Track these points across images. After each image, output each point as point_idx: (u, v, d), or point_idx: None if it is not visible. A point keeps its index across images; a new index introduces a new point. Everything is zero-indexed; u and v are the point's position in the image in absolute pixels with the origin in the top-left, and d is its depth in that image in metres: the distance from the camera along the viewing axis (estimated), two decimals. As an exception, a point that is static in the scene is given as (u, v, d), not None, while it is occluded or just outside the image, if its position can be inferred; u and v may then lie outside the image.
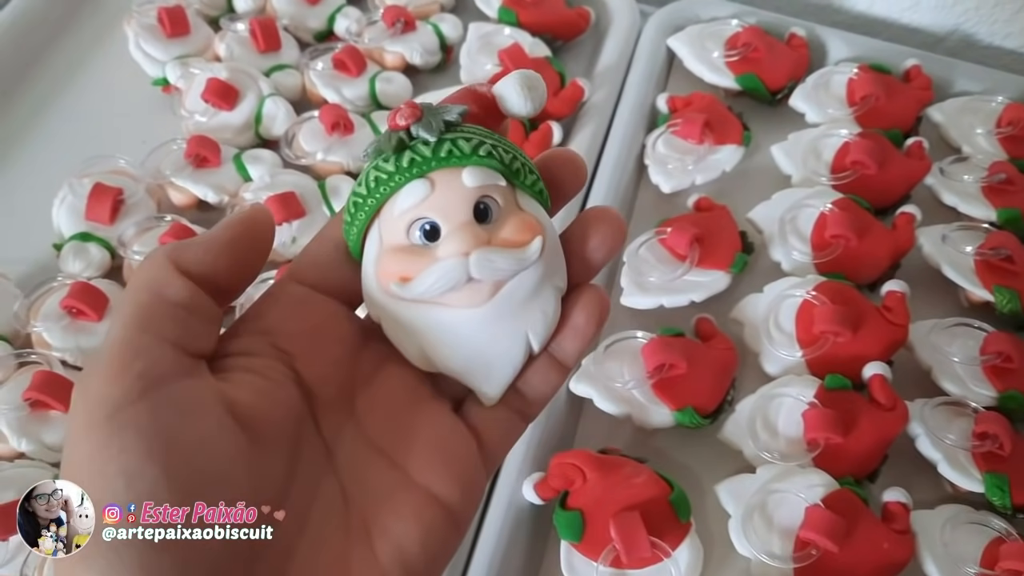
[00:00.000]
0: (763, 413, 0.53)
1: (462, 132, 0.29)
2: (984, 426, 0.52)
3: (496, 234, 0.28)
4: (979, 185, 0.63)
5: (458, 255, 0.28)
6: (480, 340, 0.29)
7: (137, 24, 0.66)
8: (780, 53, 0.70)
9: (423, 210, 0.28)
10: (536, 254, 0.28)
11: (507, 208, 0.29)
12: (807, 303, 0.56)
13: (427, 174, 0.28)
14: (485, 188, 0.28)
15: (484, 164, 0.29)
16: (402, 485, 0.28)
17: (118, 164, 0.60)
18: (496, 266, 0.28)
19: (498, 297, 0.28)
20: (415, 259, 0.28)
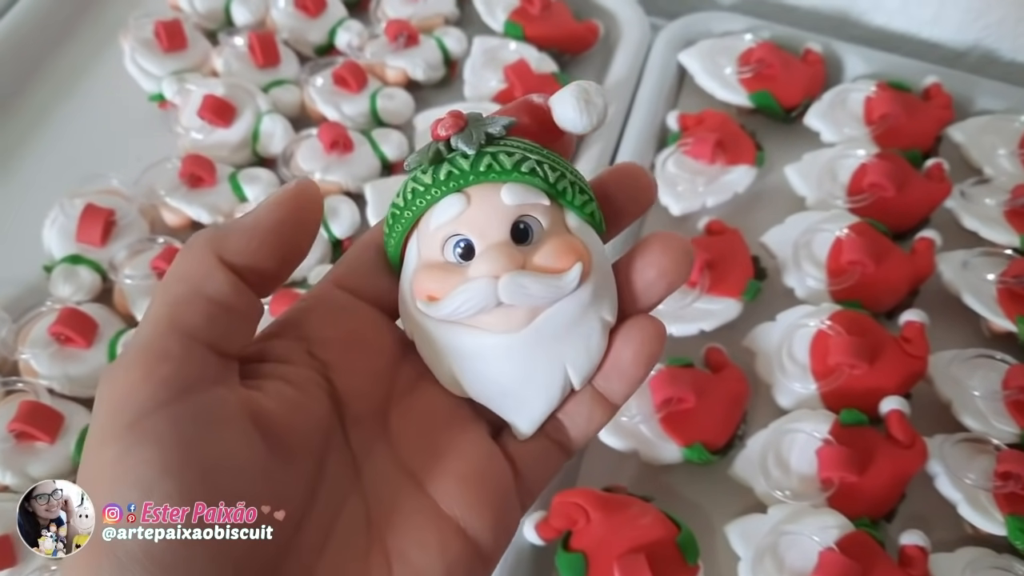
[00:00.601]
0: (775, 449, 0.51)
1: (505, 146, 0.27)
2: (1006, 465, 0.49)
3: (533, 256, 0.27)
4: (1002, 209, 0.60)
5: (488, 277, 0.26)
6: (514, 369, 0.27)
7: (133, 38, 0.64)
8: (795, 69, 0.67)
9: (458, 226, 0.27)
10: (574, 282, 0.26)
11: (551, 229, 0.27)
12: (822, 333, 0.54)
13: (464, 189, 0.27)
14: (525, 207, 0.27)
15: (526, 181, 0.27)
16: (430, 513, 0.27)
17: (111, 183, 0.58)
18: (528, 291, 0.26)
19: (534, 324, 0.27)
20: (447, 277, 0.27)
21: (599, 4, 0.73)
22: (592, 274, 0.27)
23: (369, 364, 0.28)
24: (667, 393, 0.51)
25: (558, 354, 0.27)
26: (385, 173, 0.62)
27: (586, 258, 0.27)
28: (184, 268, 0.25)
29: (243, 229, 0.26)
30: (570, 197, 0.28)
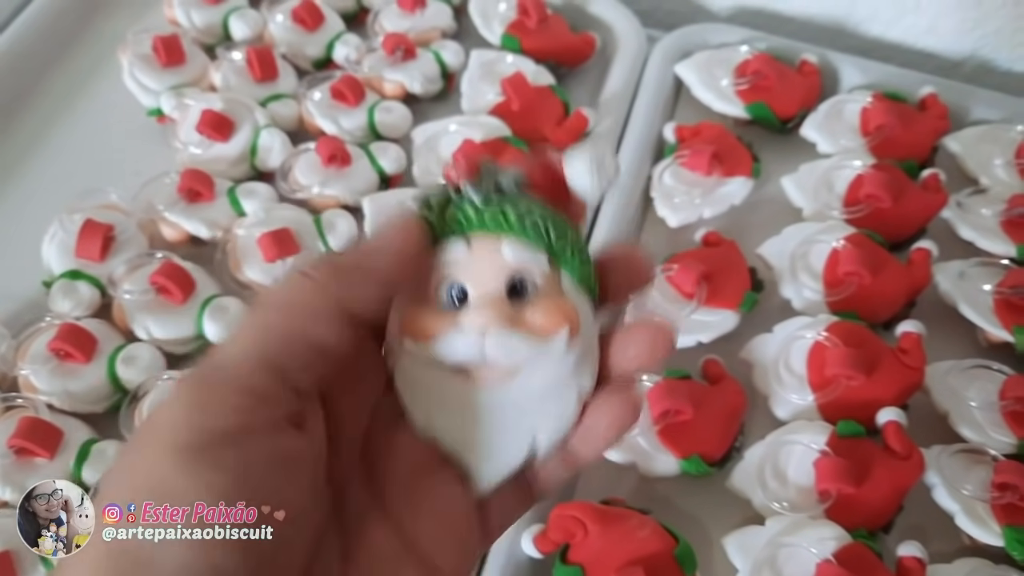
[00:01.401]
0: (773, 461, 0.51)
1: (513, 200, 0.28)
2: (1004, 476, 0.50)
3: (525, 313, 0.27)
4: (998, 219, 0.61)
5: (478, 329, 0.27)
6: (485, 424, 0.28)
7: (132, 53, 0.65)
8: (791, 81, 0.68)
9: (456, 272, 0.28)
10: (560, 346, 0.27)
11: (545, 289, 0.28)
12: (819, 344, 0.54)
13: (467, 235, 0.28)
14: (524, 264, 0.27)
15: (527, 238, 0.28)
16: (405, 554, 0.27)
17: (109, 199, 0.58)
18: (514, 351, 0.27)
19: (514, 383, 0.27)
20: (438, 320, 0.27)
21: (596, 16, 0.73)
22: (578, 340, 0.27)
23: (361, 396, 0.28)
24: (665, 405, 0.51)
25: (530, 417, 0.28)
26: (383, 187, 0.62)
27: (575, 323, 0.27)
28: (293, 299, 0.25)
29: (370, 281, 0.26)
30: (568, 259, 0.28)
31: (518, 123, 0.63)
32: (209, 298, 0.54)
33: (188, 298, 0.54)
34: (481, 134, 0.62)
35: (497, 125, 0.63)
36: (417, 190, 0.30)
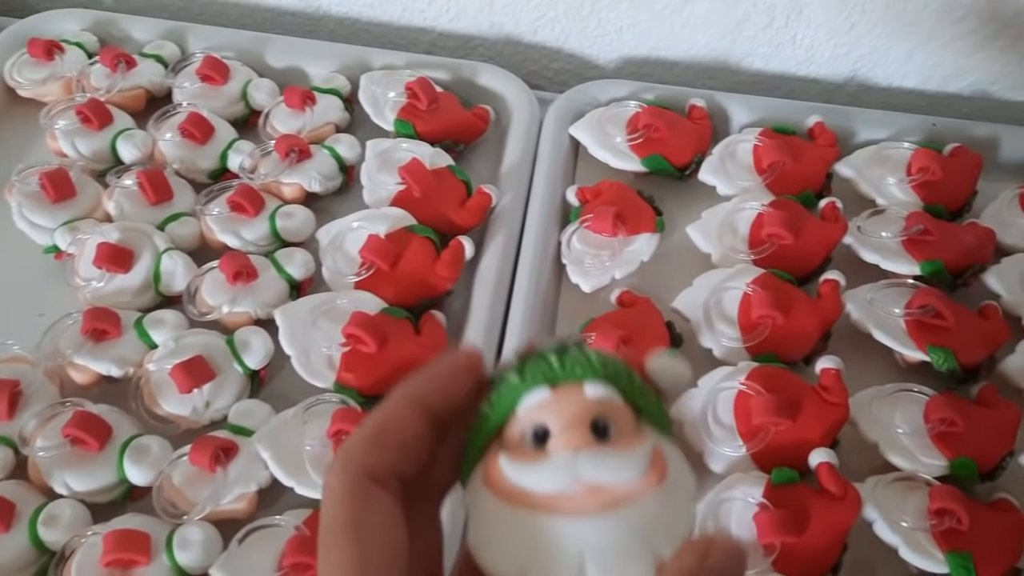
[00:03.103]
0: (715, 519, 0.51)
1: (592, 351, 0.28)
2: (939, 502, 0.50)
3: (609, 448, 0.26)
4: (899, 239, 0.62)
5: (566, 453, 0.26)
6: (596, 555, 0.25)
7: (19, 193, 0.63)
8: (682, 129, 0.69)
9: (539, 414, 0.27)
10: (646, 457, 0.26)
11: (628, 430, 0.27)
12: (743, 394, 0.55)
13: (551, 383, 0.28)
14: (607, 404, 0.27)
15: (609, 381, 0.27)
16: None
17: (11, 351, 0.57)
18: (610, 465, 0.26)
19: (619, 512, 0.25)
20: (522, 458, 0.27)
21: (485, 87, 0.74)
22: (670, 470, 0.26)
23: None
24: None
25: (648, 539, 0.25)
26: (293, 295, 0.61)
27: (660, 454, 0.26)
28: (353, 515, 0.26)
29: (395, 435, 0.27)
30: (649, 407, 0.28)
31: (421, 210, 0.63)
32: (128, 440, 0.53)
33: (105, 444, 0.53)
34: (385, 226, 0.62)
35: (401, 215, 0.63)
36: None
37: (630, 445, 0.26)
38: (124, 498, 0.54)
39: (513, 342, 0.58)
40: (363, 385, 0.56)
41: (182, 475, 0.52)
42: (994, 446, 0.53)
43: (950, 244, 0.61)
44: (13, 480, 0.53)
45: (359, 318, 0.56)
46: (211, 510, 0.51)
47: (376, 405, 0.27)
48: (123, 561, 0.48)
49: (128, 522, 0.50)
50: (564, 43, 0.79)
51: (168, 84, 0.71)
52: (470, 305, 0.61)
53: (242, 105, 0.72)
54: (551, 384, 0.27)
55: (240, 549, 0.49)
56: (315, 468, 0.52)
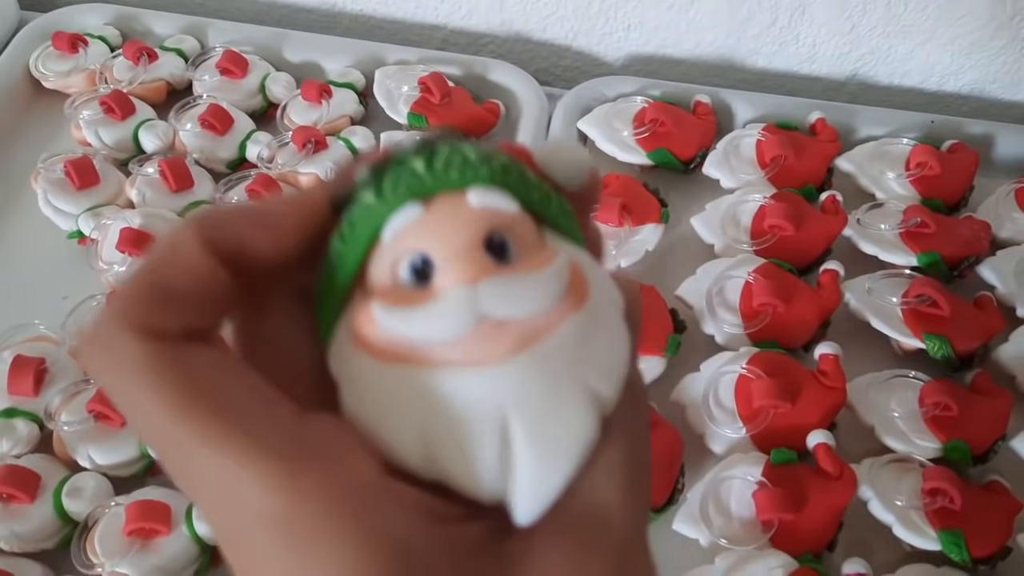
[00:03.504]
0: (714, 497, 0.53)
1: (470, 147, 0.22)
2: (932, 482, 0.52)
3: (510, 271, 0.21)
4: (896, 232, 0.64)
5: (462, 283, 0.20)
6: (521, 407, 0.20)
7: (44, 180, 0.65)
8: (687, 123, 0.71)
9: (412, 240, 0.21)
10: (560, 267, 0.21)
11: (531, 244, 0.22)
12: (744, 378, 0.56)
13: (422, 195, 0.21)
14: (499, 214, 0.21)
15: (498, 183, 0.22)
16: None
17: (37, 330, 0.59)
18: (511, 290, 0.20)
19: (534, 349, 0.20)
20: (398, 302, 0.21)
21: (496, 83, 0.76)
22: (591, 292, 0.22)
23: None
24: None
25: (579, 372, 0.21)
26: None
27: (576, 265, 0.22)
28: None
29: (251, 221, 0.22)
30: (551, 208, 0.23)
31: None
32: (149, 417, 0.55)
33: (128, 420, 0.54)
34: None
35: (412, 204, 0.65)
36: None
37: (538, 264, 0.21)
38: (145, 472, 0.55)
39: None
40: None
41: (201, 450, 0.54)
42: (987, 430, 0.55)
43: (947, 237, 0.63)
44: (38, 454, 0.55)
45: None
46: (229, 483, 0.52)
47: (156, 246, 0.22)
48: (145, 530, 0.50)
49: (149, 494, 0.52)
50: (573, 40, 0.81)
51: (188, 77, 0.73)
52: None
53: (260, 98, 0.73)
54: (422, 197, 0.21)
55: (257, 520, 0.51)
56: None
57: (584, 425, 0.21)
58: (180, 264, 0.21)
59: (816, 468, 0.53)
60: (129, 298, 0.20)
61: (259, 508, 0.19)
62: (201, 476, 0.20)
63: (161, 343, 0.20)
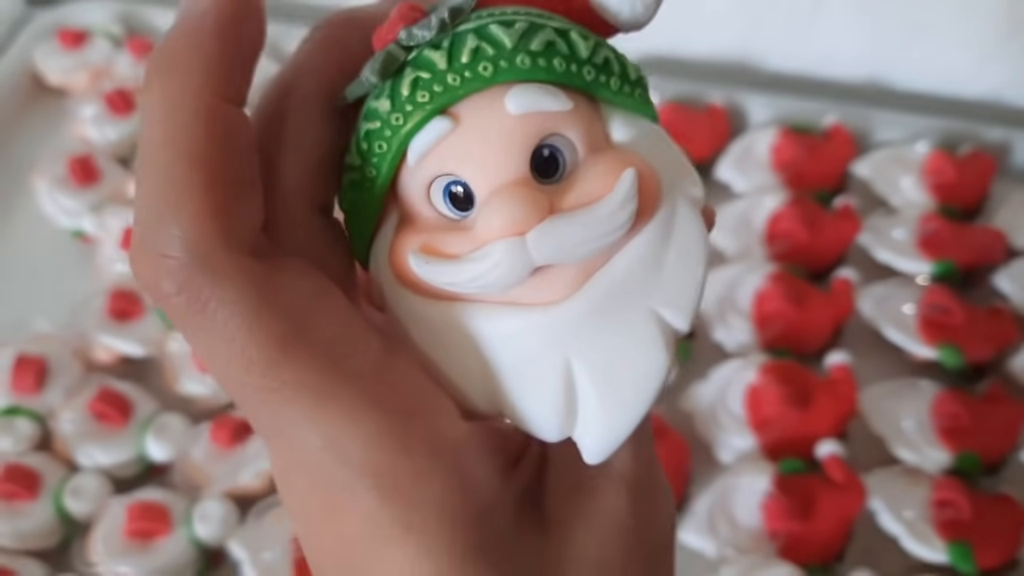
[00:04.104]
0: (722, 508, 0.52)
1: (493, 15, 0.19)
2: (942, 493, 0.51)
3: (567, 197, 0.18)
4: (911, 239, 0.63)
5: (509, 236, 0.18)
6: (580, 351, 0.19)
7: (47, 176, 0.65)
8: (701, 125, 0.70)
9: (444, 162, 0.19)
10: (624, 199, 0.18)
11: (589, 148, 0.19)
12: (753, 386, 0.55)
13: (445, 106, 0.18)
14: (547, 118, 0.18)
15: (540, 74, 0.18)
16: None
17: (40, 328, 0.58)
18: (566, 238, 0.18)
19: (593, 283, 0.18)
20: (446, 237, 0.19)
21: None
22: (664, 196, 0.19)
23: None
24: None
25: (641, 302, 0.19)
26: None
27: (644, 166, 0.19)
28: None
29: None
30: (612, 87, 0.19)
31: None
32: (150, 417, 0.55)
33: (128, 420, 0.54)
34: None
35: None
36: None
37: (600, 189, 0.18)
38: (145, 472, 0.55)
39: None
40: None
41: (201, 452, 0.53)
42: (998, 442, 0.54)
43: (962, 245, 0.62)
44: (40, 452, 0.54)
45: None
46: (229, 486, 0.52)
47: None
48: (144, 531, 0.50)
49: (150, 495, 0.52)
50: (584, 40, 0.80)
51: (194, 73, 0.73)
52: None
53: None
54: (451, 107, 0.18)
55: (257, 524, 0.51)
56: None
57: (653, 361, 0.19)
58: (240, 154, 0.19)
59: (825, 478, 0.53)
60: (223, 209, 0.18)
61: (362, 459, 0.19)
62: (296, 423, 0.19)
63: (268, 265, 0.19)
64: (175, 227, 0.18)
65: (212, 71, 0.19)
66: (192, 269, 0.18)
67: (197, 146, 0.18)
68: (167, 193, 0.18)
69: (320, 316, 0.19)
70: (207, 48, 0.19)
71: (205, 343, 0.19)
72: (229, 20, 0.19)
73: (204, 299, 0.18)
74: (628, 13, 0.20)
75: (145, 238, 0.18)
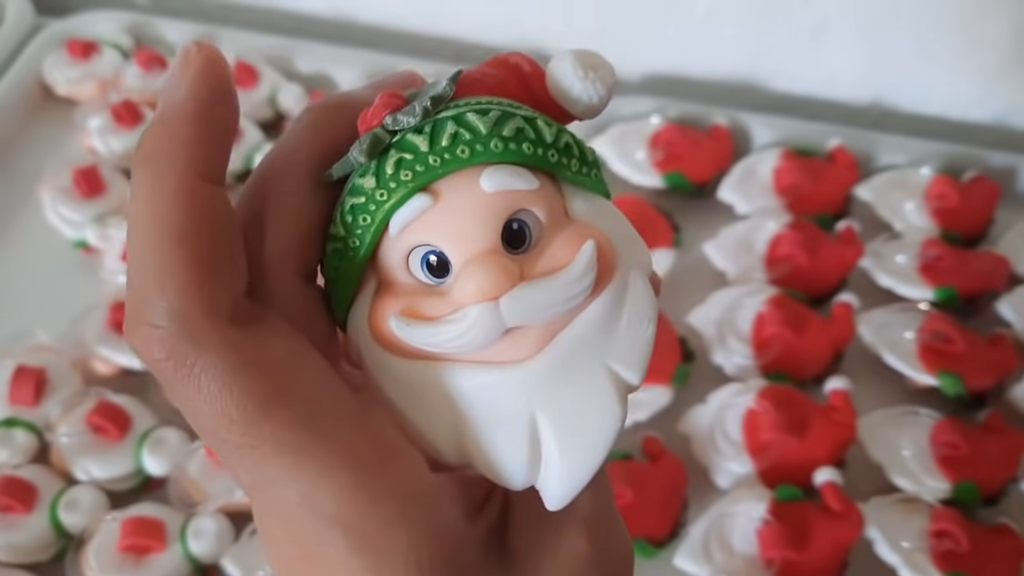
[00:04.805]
0: (717, 533, 0.52)
1: (469, 105, 0.21)
2: (940, 524, 0.51)
3: (535, 265, 0.21)
4: (914, 264, 0.63)
5: (482, 299, 0.20)
6: (544, 405, 0.21)
7: (52, 187, 0.65)
8: (703, 146, 0.70)
9: (423, 233, 0.21)
10: (585, 268, 0.20)
11: (551, 222, 0.21)
12: (752, 411, 0.55)
13: (426, 185, 0.21)
14: (516, 195, 0.21)
15: (510, 156, 0.21)
16: None
17: (39, 340, 0.59)
18: (534, 303, 0.20)
19: (559, 340, 0.21)
20: (423, 300, 0.21)
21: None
22: (618, 265, 0.21)
23: None
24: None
25: (599, 360, 0.21)
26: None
27: (602, 237, 0.21)
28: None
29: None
30: (574, 169, 0.22)
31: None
32: (147, 431, 0.55)
33: (125, 434, 0.54)
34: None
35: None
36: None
37: (564, 253, 0.21)
38: (141, 487, 0.55)
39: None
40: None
41: (198, 467, 0.53)
42: (998, 472, 0.54)
43: (964, 271, 0.62)
44: (36, 465, 0.54)
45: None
46: (224, 502, 0.52)
47: None
48: (139, 547, 0.50)
49: (145, 510, 0.52)
50: (590, 58, 0.80)
51: (200, 86, 0.73)
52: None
53: (270, 109, 0.73)
54: (430, 185, 0.21)
55: (251, 541, 0.51)
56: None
57: (608, 414, 0.21)
58: (219, 230, 0.21)
59: (822, 506, 0.52)
60: (205, 282, 0.20)
61: (333, 512, 0.20)
62: (274, 478, 0.20)
63: (249, 331, 0.20)
64: (162, 300, 0.20)
65: (191, 154, 0.21)
66: (178, 338, 0.20)
67: (178, 225, 0.20)
68: (153, 269, 0.20)
69: (298, 377, 0.21)
70: (186, 134, 0.21)
71: (191, 405, 0.20)
72: (205, 106, 0.21)
73: (189, 364, 0.20)
74: (584, 104, 0.23)
75: (136, 310, 0.21)
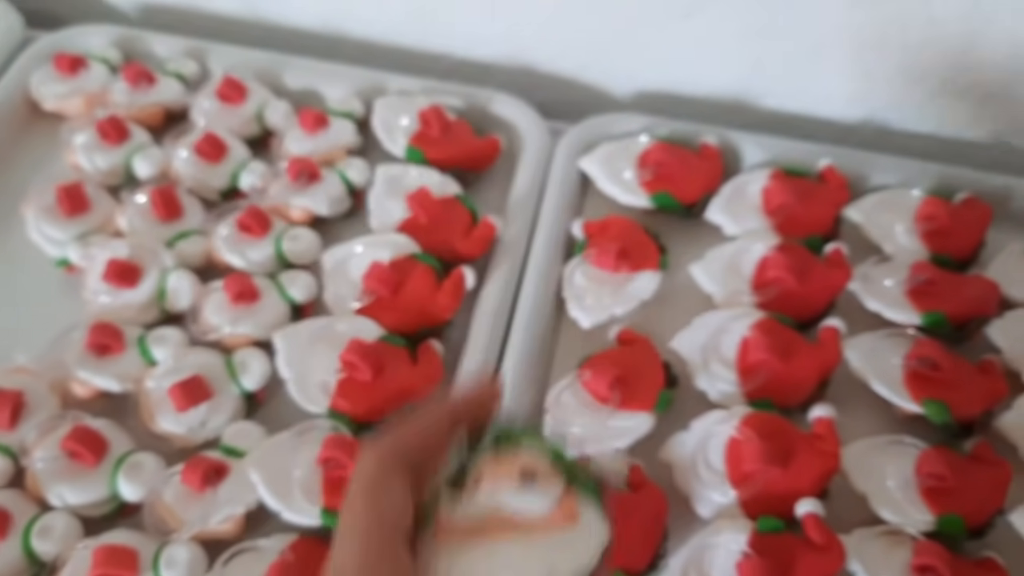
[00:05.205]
0: (697, 567, 0.51)
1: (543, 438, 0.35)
2: (922, 558, 0.50)
3: None
4: (902, 288, 0.62)
5: (491, 487, 0.34)
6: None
7: (36, 206, 0.65)
8: (693, 166, 0.69)
9: (485, 469, 0.34)
10: (555, 495, 0.34)
11: (549, 482, 0.34)
12: (735, 439, 0.54)
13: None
14: (536, 463, 0.34)
15: (544, 450, 0.35)
16: None
17: (17, 361, 0.58)
18: (521, 497, 0.34)
19: (534, 536, 0.33)
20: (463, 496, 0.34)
21: (498, 116, 0.74)
22: (582, 518, 0.34)
23: None
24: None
25: (551, 566, 0.33)
26: (295, 316, 0.62)
27: (570, 500, 0.34)
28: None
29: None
30: (581, 477, 0.34)
31: (426, 238, 0.64)
32: (123, 456, 0.54)
33: (101, 459, 0.54)
34: (389, 253, 0.62)
35: (405, 242, 0.63)
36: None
37: (544, 488, 0.33)
38: (116, 513, 0.55)
39: (510, 375, 0.59)
40: (356, 413, 0.56)
41: (173, 493, 0.53)
42: (984, 504, 0.53)
43: (953, 296, 0.61)
44: (10, 489, 0.54)
45: (356, 345, 0.57)
46: (199, 530, 0.51)
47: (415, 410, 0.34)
48: (110, 576, 0.49)
49: (118, 537, 0.51)
50: (581, 74, 0.79)
51: (186, 102, 0.73)
52: (468, 335, 0.62)
53: (257, 125, 0.73)
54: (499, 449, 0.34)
55: (224, 571, 0.50)
56: (303, 493, 0.52)
57: None
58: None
59: (804, 538, 0.51)
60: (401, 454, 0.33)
61: None
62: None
63: (414, 503, 0.33)
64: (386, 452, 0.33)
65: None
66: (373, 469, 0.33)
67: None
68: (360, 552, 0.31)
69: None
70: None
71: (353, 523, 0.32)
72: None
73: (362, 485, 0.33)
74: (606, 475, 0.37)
75: None
